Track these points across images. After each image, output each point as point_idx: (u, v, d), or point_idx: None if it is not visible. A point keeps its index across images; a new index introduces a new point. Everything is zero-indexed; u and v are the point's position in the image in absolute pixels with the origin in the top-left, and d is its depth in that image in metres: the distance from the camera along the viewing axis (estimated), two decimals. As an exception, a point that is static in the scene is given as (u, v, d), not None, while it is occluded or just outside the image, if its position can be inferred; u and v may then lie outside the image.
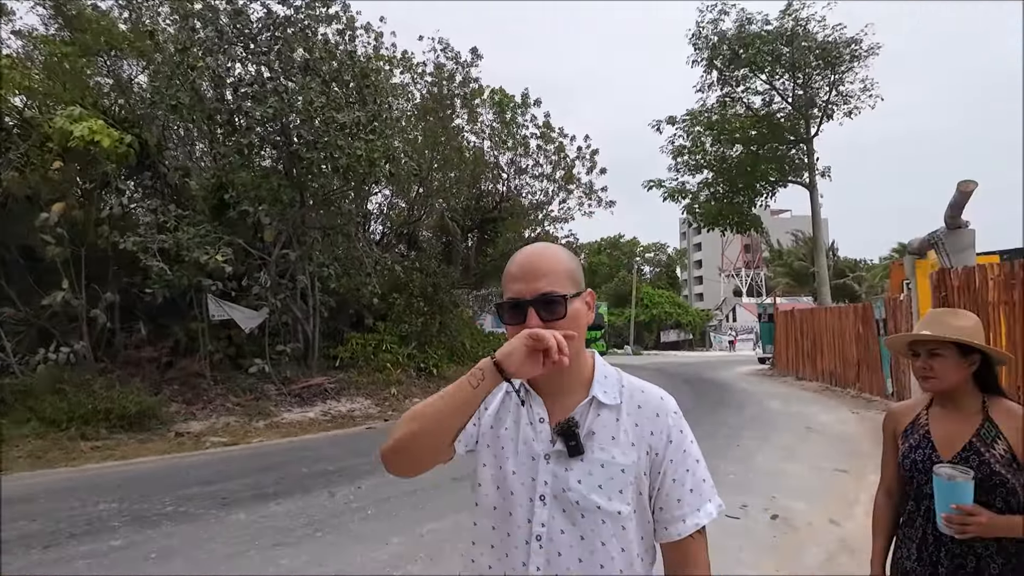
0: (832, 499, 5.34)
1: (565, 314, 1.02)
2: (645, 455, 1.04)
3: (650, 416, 1.06)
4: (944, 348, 1.66)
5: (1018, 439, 1.57)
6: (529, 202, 21.04)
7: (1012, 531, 1.53)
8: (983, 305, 6.21)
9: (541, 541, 1.00)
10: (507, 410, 1.12)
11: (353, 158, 10.70)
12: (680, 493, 1.04)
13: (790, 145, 20.51)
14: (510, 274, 1.06)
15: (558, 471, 1.02)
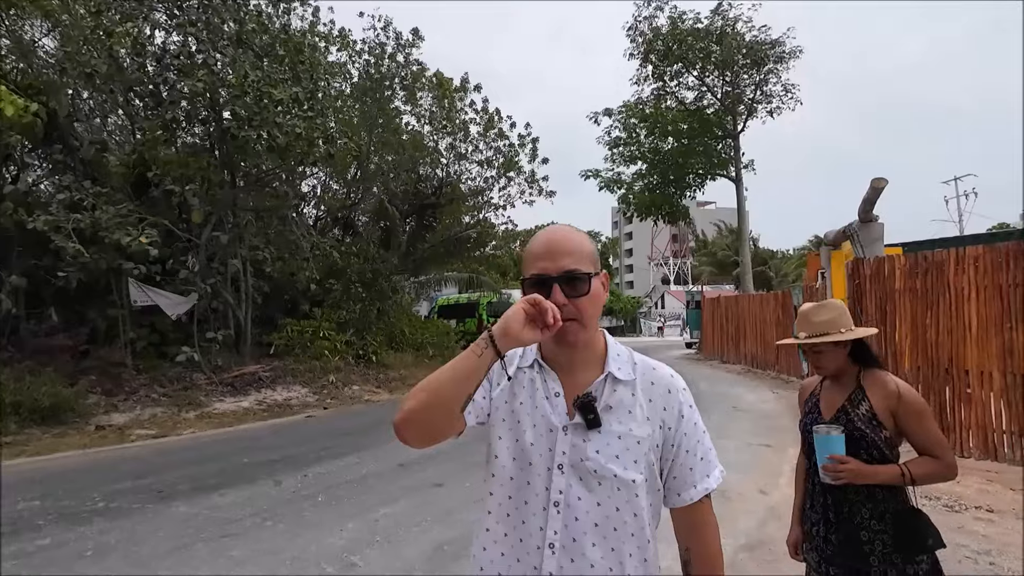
0: (759, 471, 5.78)
1: (588, 291, 1.08)
2: (659, 429, 1.11)
3: (662, 393, 1.13)
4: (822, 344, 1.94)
5: (879, 402, 1.87)
6: (468, 188, 20.93)
7: (875, 478, 1.82)
8: (891, 292, 6.84)
9: (559, 507, 1.06)
10: (521, 386, 1.16)
11: (292, 136, 10.26)
12: (692, 462, 1.13)
13: (718, 140, 21.52)
14: (534, 252, 1.10)
15: (576, 442, 1.08)
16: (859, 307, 7.19)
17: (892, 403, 1.85)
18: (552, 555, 1.05)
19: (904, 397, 1.85)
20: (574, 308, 1.06)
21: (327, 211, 18.58)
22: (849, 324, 1.94)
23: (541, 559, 1.06)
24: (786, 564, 3.56)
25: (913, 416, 1.84)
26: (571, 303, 1.06)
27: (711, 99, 21.49)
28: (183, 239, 11.08)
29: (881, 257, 7.31)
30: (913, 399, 1.85)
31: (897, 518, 1.83)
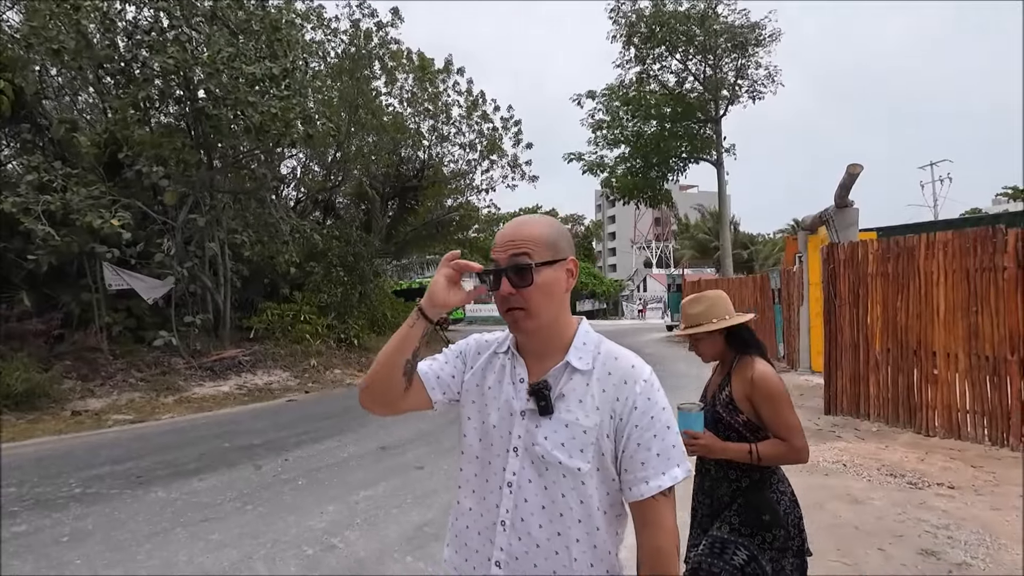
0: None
1: (532, 281, 1.09)
2: (609, 419, 1.09)
3: (617, 383, 1.12)
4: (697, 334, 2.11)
5: (738, 387, 2.00)
6: (451, 171, 20.78)
7: (725, 453, 1.95)
8: (863, 276, 6.99)
9: (512, 487, 1.11)
10: (492, 370, 1.22)
11: (267, 116, 10.05)
12: (644, 457, 1.08)
13: (700, 124, 21.57)
14: (495, 242, 1.15)
15: (530, 427, 1.12)
16: (833, 291, 7.34)
17: (748, 389, 1.96)
18: (503, 531, 1.11)
19: (757, 383, 1.95)
20: (520, 298, 1.09)
21: (307, 193, 18.32)
22: (723, 314, 2.09)
23: (495, 534, 1.12)
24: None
25: (764, 401, 1.94)
26: (518, 293, 1.09)
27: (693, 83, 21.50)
28: (158, 222, 10.87)
29: (855, 242, 7.45)
30: (765, 385, 1.94)
31: (745, 495, 1.96)
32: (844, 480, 4.88)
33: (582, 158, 22.43)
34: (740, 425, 1.98)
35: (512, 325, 1.13)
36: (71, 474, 5.23)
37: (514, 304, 1.10)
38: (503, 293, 1.09)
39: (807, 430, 6.67)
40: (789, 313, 12.12)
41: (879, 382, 6.77)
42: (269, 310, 13.58)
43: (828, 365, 7.40)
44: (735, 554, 1.88)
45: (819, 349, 9.41)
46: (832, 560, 3.41)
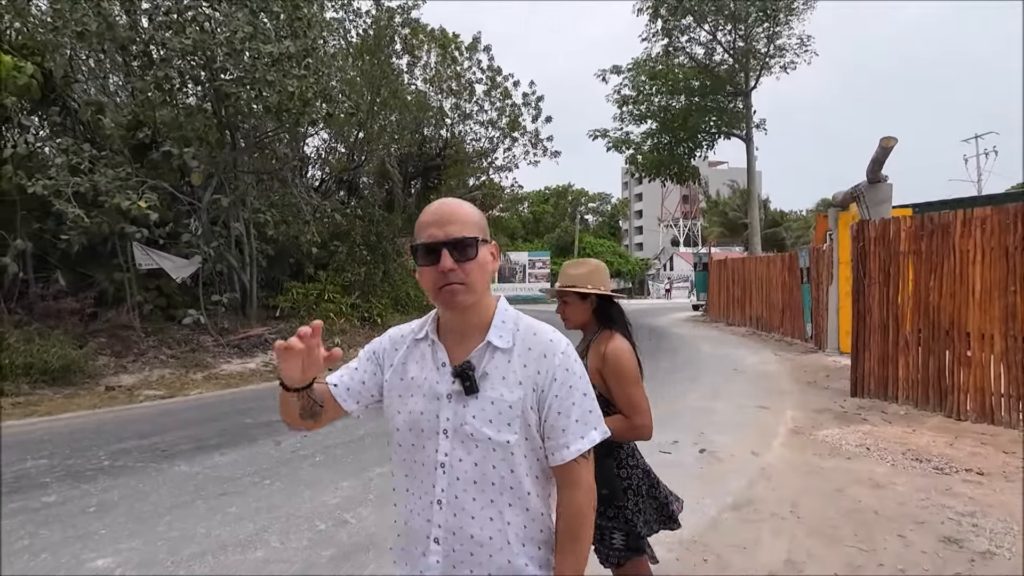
0: (753, 433, 5.82)
1: (476, 255, 1.14)
2: (532, 392, 1.15)
3: (537, 357, 1.17)
4: (569, 295, 2.09)
5: (592, 362, 1.98)
6: (473, 149, 20.64)
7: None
8: (895, 254, 6.72)
9: (444, 468, 1.15)
10: (414, 359, 1.25)
11: (285, 95, 10.07)
12: (565, 424, 1.16)
13: (730, 97, 20.92)
14: (424, 222, 1.16)
15: (457, 408, 1.15)
16: (863, 269, 7.09)
17: (600, 363, 1.96)
18: (440, 510, 1.16)
19: (607, 359, 1.95)
20: (461, 272, 1.12)
21: (331, 173, 18.44)
22: (600, 284, 2.08)
23: (432, 513, 1.17)
24: (770, 524, 3.64)
25: (613, 378, 1.94)
26: (459, 267, 1.12)
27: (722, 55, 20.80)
28: (185, 202, 11.07)
29: (886, 219, 7.16)
30: (615, 362, 1.94)
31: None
32: (867, 464, 4.75)
33: (607, 135, 22.03)
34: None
35: (448, 301, 1.14)
36: (101, 447, 5.42)
37: (454, 279, 1.11)
38: (445, 268, 1.11)
39: (831, 412, 6.54)
40: (818, 293, 11.79)
41: (908, 364, 6.55)
42: (294, 289, 13.81)
43: (856, 346, 7.18)
44: (612, 537, 2.01)
45: (847, 330, 9.14)
46: (849, 545, 3.32)
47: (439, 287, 1.12)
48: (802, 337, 12.74)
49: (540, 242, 45.27)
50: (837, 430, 5.74)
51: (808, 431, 5.78)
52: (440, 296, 1.14)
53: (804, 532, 3.51)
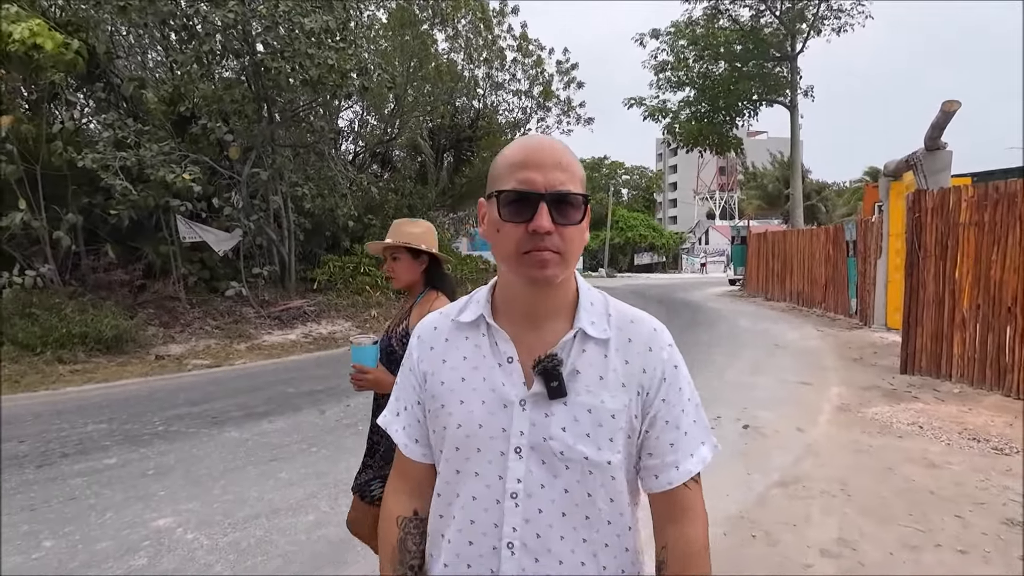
0: (797, 409, 5.69)
1: (582, 219, 0.86)
2: (636, 396, 0.90)
3: (642, 351, 0.92)
4: (400, 252, 2.03)
5: (415, 321, 1.90)
6: (506, 120, 20.39)
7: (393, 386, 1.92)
8: (954, 226, 6.39)
9: (517, 499, 0.87)
10: (460, 354, 0.94)
11: (324, 68, 10.06)
12: (673, 437, 0.92)
13: (775, 62, 20.04)
14: (516, 160, 0.86)
15: (537, 418, 0.87)
16: (918, 242, 6.78)
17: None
18: (512, 556, 0.87)
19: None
20: (560, 238, 0.84)
21: (365, 146, 18.49)
22: (432, 246, 2.05)
23: (499, 561, 0.88)
24: (819, 501, 3.56)
25: None
26: (558, 231, 0.83)
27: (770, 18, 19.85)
28: (225, 176, 11.27)
29: (946, 188, 6.79)
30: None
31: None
32: (920, 443, 4.59)
33: (643, 103, 21.44)
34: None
35: (535, 273, 0.84)
36: (155, 413, 5.65)
37: (550, 245, 0.83)
38: (542, 227, 0.82)
39: (879, 389, 6.35)
40: (864, 267, 11.37)
41: (965, 341, 6.28)
42: (331, 262, 14.02)
43: (908, 322, 6.91)
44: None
45: (896, 305, 8.82)
46: (903, 525, 3.23)
47: (525, 251, 0.83)
48: (846, 313, 12.36)
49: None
50: (887, 408, 5.56)
51: (856, 408, 5.62)
52: (523, 264, 0.84)
53: (855, 510, 3.43)
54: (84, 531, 3.21)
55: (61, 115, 9.91)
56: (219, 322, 10.60)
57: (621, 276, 38.57)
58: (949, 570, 2.79)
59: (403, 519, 0.99)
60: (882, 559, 2.89)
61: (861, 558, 2.90)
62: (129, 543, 3.08)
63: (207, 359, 8.72)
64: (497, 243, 0.87)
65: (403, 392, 1.00)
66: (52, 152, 9.18)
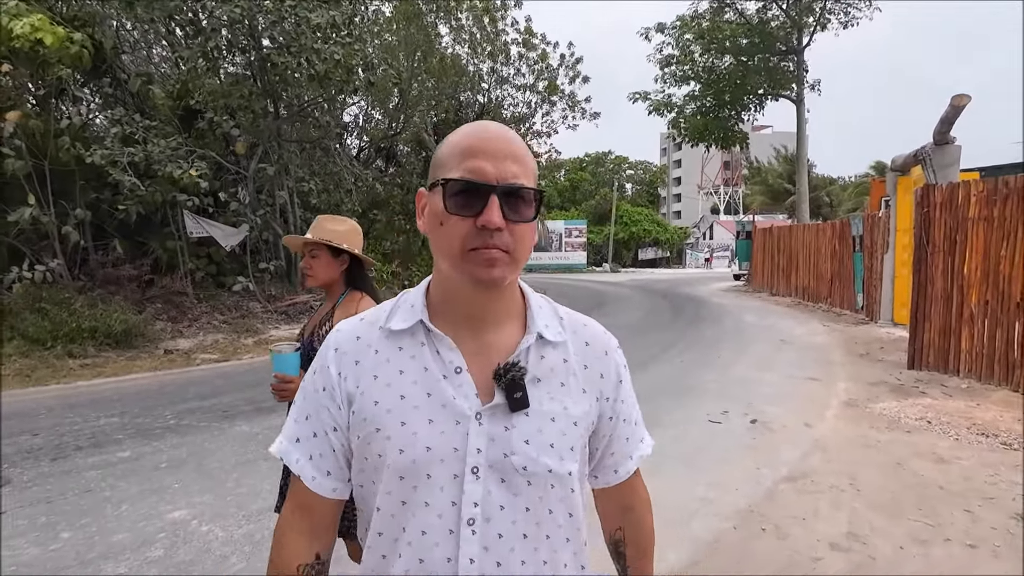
0: (805, 404, 5.70)
1: (534, 216, 0.79)
2: (595, 402, 0.87)
3: (599, 355, 0.89)
4: (319, 249, 1.95)
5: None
6: (511, 114, 20.33)
7: None
8: (963, 220, 6.37)
9: (475, 525, 0.78)
10: (394, 368, 0.82)
11: (330, 63, 10.07)
12: (628, 431, 0.93)
13: (781, 56, 19.93)
14: (465, 147, 0.77)
15: (495, 432, 0.79)
16: (926, 237, 6.75)
17: None
18: None
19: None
20: (510, 236, 0.76)
21: (369, 141, 18.48)
22: (356, 246, 1.97)
23: None
24: (828, 495, 3.58)
25: None
26: (509, 228, 0.76)
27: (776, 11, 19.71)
28: (231, 171, 11.30)
29: (955, 183, 6.76)
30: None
31: None
32: (928, 438, 4.60)
33: (648, 97, 21.36)
34: None
35: (482, 273, 0.76)
36: (166, 407, 5.70)
37: (500, 243, 0.75)
38: (491, 223, 0.73)
39: (887, 384, 6.35)
40: (871, 262, 11.34)
41: (973, 336, 6.27)
42: (336, 257, 14.07)
43: (915, 317, 6.90)
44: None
45: (903, 300, 8.80)
46: (913, 519, 3.25)
47: (471, 248, 0.75)
48: (852, 308, 12.33)
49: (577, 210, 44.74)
50: (895, 403, 5.57)
51: (863, 403, 5.62)
52: (468, 262, 0.76)
53: (865, 505, 3.44)
54: (100, 523, 3.26)
55: (68, 111, 9.96)
56: (226, 317, 10.65)
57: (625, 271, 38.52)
58: (959, 564, 2.81)
59: (304, 567, 0.85)
60: (892, 553, 2.91)
61: (871, 552, 2.91)
62: (145, 535, 3.12)
63: (215, 353, 8.77)
64: (439, 238, 0.78)
65: (312, 415, 0.84)
66: (60, 148, 9.22)
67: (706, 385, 6.38)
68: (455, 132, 0.81)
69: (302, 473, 0.84)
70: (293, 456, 0.85)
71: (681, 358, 7.92)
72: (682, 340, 9.49)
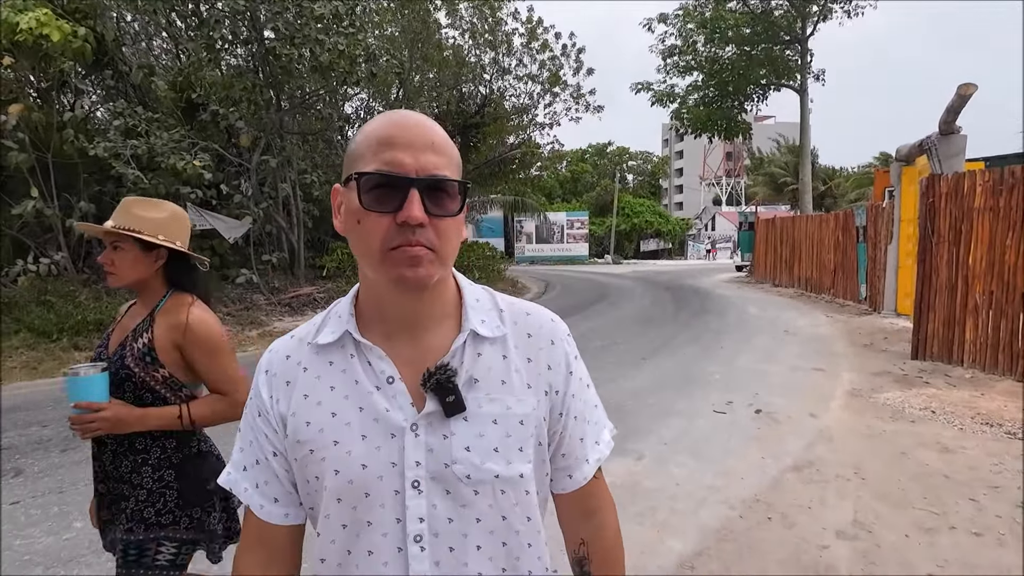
0: (809, 395, 5.71)
1: (459, 210, 0.74)
2: (544, 396, 0.81)
3: (544, 346, 0.82)
4: (124, 241, 1.53)
5: (163, 333, 1.52)
6: (513, 106, 20.27)
7: (145, 423, 1.48)
8: (968, 211, 6.35)
9: (423, 541, 0.74)
10: (325, 385, 0.78)
11: (334, 54, 10.04)
12: (583, 430, 0.85)
13: (784, 46, 19.80)
14: (380, 138, 0.72)
15: (434, 442, 0.74)
16: (931, 227, 6.74)
17: (178, 336, 1.52)
18: None
19: (193, 329, 1.52)
20: (433, 232, 0.71)
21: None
22: (177, 237, 1.57)
23: None
24: (834, 485, 3.60)
25: (202, 351, 1.53)
26: (432, 224, 0.71)
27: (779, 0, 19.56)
28: (234, 163, 11.29)
29: (960, 173, 6.74)
30: (203, 332, 1.53)
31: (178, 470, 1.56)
32: (933, 428, 4.62)
33: (651, 88, 21.26)
34: (160, 383, 1.51)
35: (406, 274, 0.71)
36: (173, 398, 5.73)
37: (423, 240, 0.70)
38: (412, 218, 0.69)
39: (891, 375, 6.36)
40: (875, 252, 11.32)
41: (977, 326, 6.27)
42: (339, 249, 14.06)
43: (919, 308, 6.90)
44: (158, 553, 1.52)
45: (907, 291, 8.80)
46: (918, 508, 3.27)
47: (392, 247, 0.70)
48: (855, 299, 12.33)
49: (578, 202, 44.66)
50: (899, 393, 5.58)
51: (867, 394, 5.64)
52: (390, 262, 0.71)
53: (870, 494, 3.46)
54: (112, 513, 3.29)
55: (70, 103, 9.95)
56: (230, 309, 10.68)
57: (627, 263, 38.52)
58: (964, 552, 2.83)
59: None
60: (898, 541, 2.93)
61: (877, 540, 2.94)
62: (157, 524, 3.15)
63: (220, 346, 8.80)
64: (357, 239, 0.73)
65: (253, 442, 0.82)
66: (63, 141, 9.23)
67: (710, 377, 6.40)
68: (370, 122, 0.76)
69: (250, 502, 0.82)
70: (241, 486, 0.82)
71: (685, 350, 7.94)
72: (685, 332, 9.50)
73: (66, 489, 3.60)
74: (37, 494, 3.54)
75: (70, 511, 3.30)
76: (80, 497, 3.48)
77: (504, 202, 22.51)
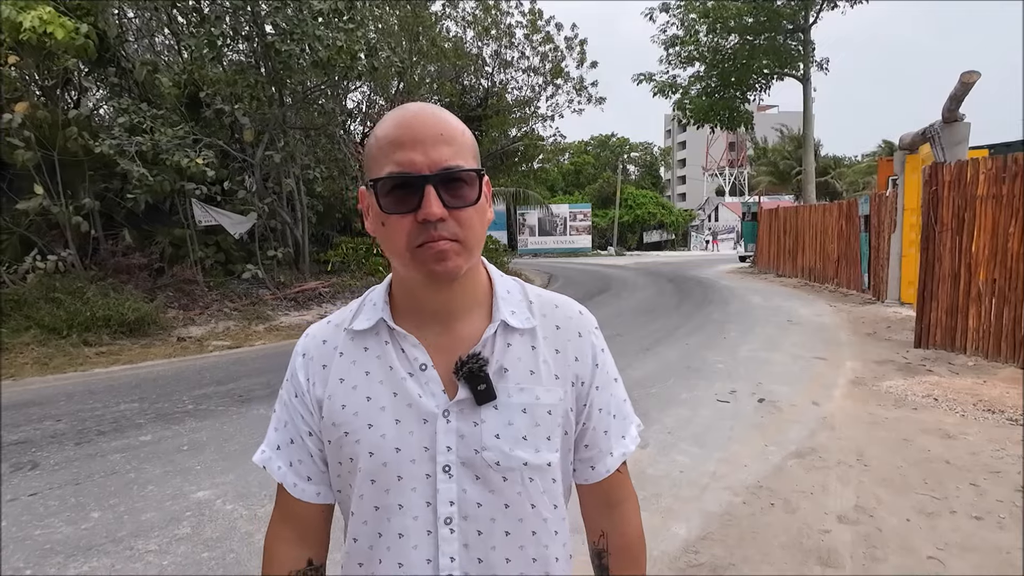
0: (812, 383, 5.75)
1: (478, 198, 0.74)
2: (571, 387, 0.83)
3: (572, 338, 0.85)
4: None
5: None
6: (515, 98, 20.22)
7: None
8: (971, 199, 6.36)
9: (452, 523, 0.77)
10: (360, 370, 0.80)
11: (334, 49, 10.04)
12: (607, 423, 0.87)
13: (787, 35, 19.66)
14: (390, 139, 0.73)
15: (465, 428, 0.77)
16: (934, 215, 6.75)
17: None
18: None
19: None
20: (456, 224, 0.72)
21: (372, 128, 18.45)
22: None
23: None
24: (836, 471, 3.65)
25: None
26: (453, 216, 0.72)
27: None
28: (238, 159, 11.33)
29: (963, 161, 6.74)
30: None
31: None
32: (935, 415, 4.66)
33: (653, 79, 21.17)
34: None
35: (435, 268, 0.73)
36: (183, 392, 5.81)
37: (445, 233, 0.72)
38: (432, 215, 0.70)
39: (894, 363, 6.39)
40: (878, 241, 11.31)
41: (980, 314, 6.29)
42: (344, 244, 14.13)
43: (922, 296, 6.92)
44: None
45: (910, 279, 8.81)
46: (920, 493, 3.31)
47: (417, 245, 0.72)
48: (859, 288, 12.33)
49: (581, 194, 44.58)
50: (901, 381, 5.62)
51: (870, 382, 5.68)
52: (418, 259, 0.73)
53: (872, 480, 3.51)
54: (128, 503, 3.36)
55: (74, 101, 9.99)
56: (236, 304, 10.75)
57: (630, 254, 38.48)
58: (965, 535, 2.88)
59: (297, 573, 0.85)
60: (899, 525, 2.98)
61: (878, 524, 2.99)
62: (172, 513, 3.22)
63: (227, 340, 8.88)
64: (384, 239, 0.76)
65: (288, 422, 0.85)
66: (68, 138, 9.27)
67: (714, 366, 6.44)
68: (380, 122, 0.76)
69: (284, 480, 0.84)
70: (275, 464, 0.85)
71: (688, 340, 7.98)
72: (689, 322, 9.54)
73: (82, 481, 3.68)
74: (54, 486, 3.61)
75: (87, 502, 3.38)
76: (96, 489, 3.56)
77: (507, 195, 22.51)
